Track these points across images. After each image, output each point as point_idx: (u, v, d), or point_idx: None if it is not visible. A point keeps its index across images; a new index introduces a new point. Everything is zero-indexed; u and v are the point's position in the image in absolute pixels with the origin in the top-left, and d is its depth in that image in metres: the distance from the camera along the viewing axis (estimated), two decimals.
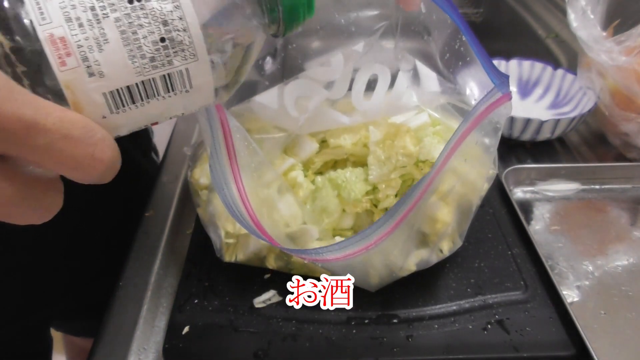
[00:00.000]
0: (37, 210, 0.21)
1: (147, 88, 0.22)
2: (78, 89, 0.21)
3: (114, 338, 0.39)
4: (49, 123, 0.19)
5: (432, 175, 0.33)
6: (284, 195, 0.40)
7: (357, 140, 0.45)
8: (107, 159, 0.21)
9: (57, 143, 0.19)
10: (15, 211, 0.20)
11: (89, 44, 0.20)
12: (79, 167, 0.20)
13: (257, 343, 0.38)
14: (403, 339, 0.38)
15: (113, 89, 0.21)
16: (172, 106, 0.24)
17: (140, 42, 0.21)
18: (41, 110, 0.19)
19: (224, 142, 0.35)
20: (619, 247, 0.47)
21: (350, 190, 0.41)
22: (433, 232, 0.40)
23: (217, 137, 0.35)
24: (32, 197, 0.21)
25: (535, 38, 0.88)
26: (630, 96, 0.55)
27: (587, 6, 0.55)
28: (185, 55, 0.22)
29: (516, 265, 0.44)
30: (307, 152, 0.45)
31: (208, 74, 0.24)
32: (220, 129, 0.35)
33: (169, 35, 0.22)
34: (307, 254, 0.34)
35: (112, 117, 0.22)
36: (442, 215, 0.40)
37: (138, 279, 0.44)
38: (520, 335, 0.38)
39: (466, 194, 0.40)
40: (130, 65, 0.21)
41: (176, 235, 0.49)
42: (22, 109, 0.18)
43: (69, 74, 0.20)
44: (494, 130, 0.36)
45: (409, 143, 0.42)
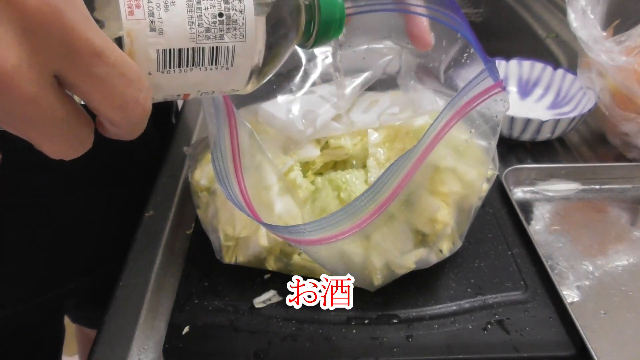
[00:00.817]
0: (73, 142, 0.22)
1: (195, 55, 0.24)
2: (137, 40, 0.22)
3: (114, 338, 0.39)
4: (112, 57, 0.20)
5: (417, 156, 0.32)
6: (283, 196, 0.40)
7: (357, 141, 0.45)
8: (147, 108, 0.22)
9: (113, 78, 0.20)
10: (57, 134, 0.21)
11: (158, 2, 0.22)
12: (123, 106, 0.21)
13: (257, 343, 0.38)
14: (403, 339, 0.38)
15: (167, 48, 0.23)
16: (208, 80, 0.26)
17: (202, 11, 0.23)
18: (108, 43, 0.20)
19: (229, 135, 0.36)
20: (619, 247, 0.47)
21: (351, 192, 0.41)
22: (432, 232, 0.40)
23: (223, 131, 0.35)
24: (75, 124, 0.22)
25: (535, 38, 0.88)
26: (630, 96, 0.55)
27: (587, 6, 0.55)
28: (236, 34, 0.24)
29: (516, 265, 0.44)
30: (308, 155, 0.45)
31: (250, 57, 0.26)
32: (227, 123, 0.36)
33: (227, 12, 0.24)
34: (289, 232, 0.33)
35: (157, 75, 0.24)
36: (441, 215, 0.40)
37: (138, 279, 0.43)
38: (520, 335, 0.38)
39: (466, 194, 0.40)
40: (188, 30, 0.23)
41: (176, 235, 0.49)
42: (94, 36, 0.19)
43: (134, 23, 0.22)
44: (492, 129, 0.36)
45: (409, 145, 0.42)
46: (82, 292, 0.59)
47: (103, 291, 0.45)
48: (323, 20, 0.30)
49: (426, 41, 0.40)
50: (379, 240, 0.40)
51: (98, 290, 0.51)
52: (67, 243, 0.53)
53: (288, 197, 0.40)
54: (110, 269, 0.46)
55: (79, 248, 0.55)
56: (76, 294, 0.60)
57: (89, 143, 0.23)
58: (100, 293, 0.46)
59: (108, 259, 0.52)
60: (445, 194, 0.40)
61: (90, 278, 0.58)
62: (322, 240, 0.33)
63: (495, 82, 0.33)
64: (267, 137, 0.45)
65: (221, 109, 0.36)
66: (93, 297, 0.59)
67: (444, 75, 0.44)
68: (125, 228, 0.49)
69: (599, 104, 0.59)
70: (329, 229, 0.33)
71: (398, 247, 0.40)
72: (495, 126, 0.36)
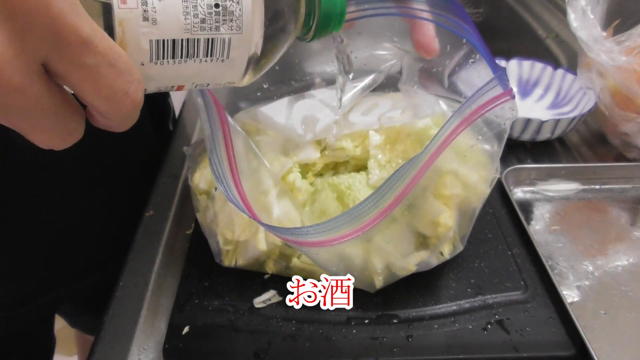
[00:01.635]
0: (61, 131, 0.22)
1: (189, 47, 0.23)
2: (130, 29, 0.21)
3: (114, 338, 0.39)
4: (100, 46, 0.20)
5: (423, 162, 0.32)
6: (281, 200, 0.40)
7: (358, 143, 0.45)
8: (137, 100, 0.22)
9: (102, 68, 0.20)
10: (45, 124, 0.21)
11: None
12: (112, 97, 0.21)
13: (257, 343, 0.38)
14: (403, 339, 0.38)
15: (160, 39, 0.22)
16: (203, 72, 0.25)
17: (197, 2, 0.22)
18: (97, 32, 0.20)
19: (223, 141, 0.36)
20: (619, 247, 0.47)
21: (355, 197, 0.41)
22: (434, 235, 0.41)
23: (217, 137, 0.35)
24: (63, 113, 0.21)
25: (535, 38, 0.88)
26: (630, 96, 0.55)
27: (587, 6, 0.55)
28: (232, 26, 0.24)
29: (516, 265, 0.44)
30: (308, 157, 0.45)
31: (246, 49, 0.25)
32: (220, 130, 0.36)
33: (224, 3, 0.23)
34: (290, 233, 0.33)
35: (149, 66, 0.23)
36: (443, 218, 0.40)
37: (138, 279, 0.43)
38: (520, 335, 0.38)
39: (468, 197, 0.40)
40: (183, 20, 0.22)
41: (176, 235, 0.49)
42: (82, 24, 0.19)
43: (127, 12, 0.21)
44: (499, 135, 0.36)
45: (410, 147, 0.41)
46: (80, 294, 0.59)
47: (103, 291, 0.45)
48: (323, 13, 0.29)
49: (432, 49, 0.39)
50: (380, 242, 0.40)
51: (98, 291, 0.51)
52: (67, 243, 0.53)
53: (286, 201, 0.40)
54: (110, 270, 0.46)
55: (79, 248, 0.55)
56: (75, 296, 0.60)
57: (79, 133, 0.23)
58: (100, 293, 0.46)
59: (108, 259, 0.52)
60: (447, 196, 0.40)
61: (89, 279, 0.57)
62: (324, 243, 0.33)
63: (505, 91, 0.33)
64: (266, 139, 0.45)
65: (214, 117, 0.36)
66: (91, 299, 0.59)
67: (447, 81, 0.44)
68: (125, 228, 0.49)
69: (599, 104, 0.59)
70: (331, 232, 0.32)
71: (399, 249, 0.40)
72: (502, 132, 0.36)
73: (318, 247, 0.34)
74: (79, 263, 0.56)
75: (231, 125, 0.36)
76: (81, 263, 0.56)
